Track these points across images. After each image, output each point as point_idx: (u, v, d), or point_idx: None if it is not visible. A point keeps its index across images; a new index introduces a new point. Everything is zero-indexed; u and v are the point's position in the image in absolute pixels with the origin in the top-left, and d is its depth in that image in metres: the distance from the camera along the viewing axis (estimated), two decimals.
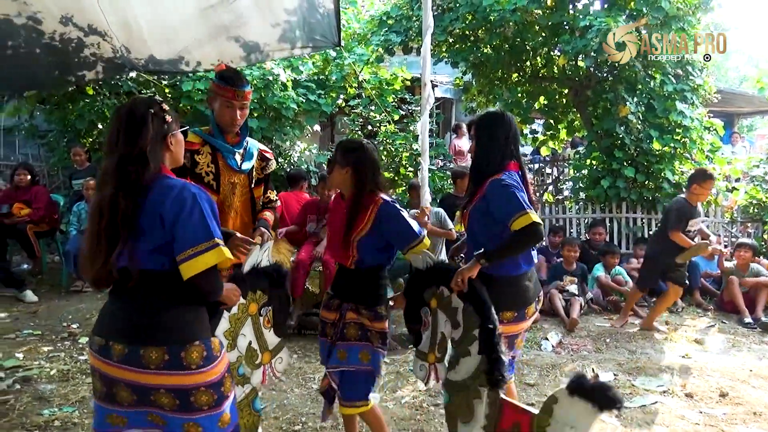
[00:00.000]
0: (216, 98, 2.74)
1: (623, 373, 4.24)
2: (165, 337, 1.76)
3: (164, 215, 1.76)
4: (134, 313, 1.79)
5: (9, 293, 5.80)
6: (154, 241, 1.77)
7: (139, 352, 1.74)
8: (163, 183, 1.82)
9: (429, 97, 4.50)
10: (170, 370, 1.75)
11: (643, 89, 7.20)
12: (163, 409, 1.78)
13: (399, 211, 2.56)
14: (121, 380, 1.76)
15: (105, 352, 1.78)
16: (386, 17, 7.96)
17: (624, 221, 7.42)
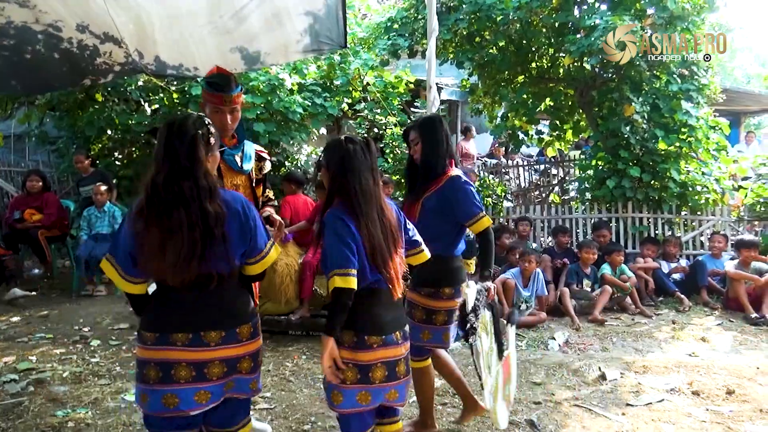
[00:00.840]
0: (206, 104, 2.79)
1: (630, 372, 4.26)
2: (250, 316, 2.21)
3: (245, 224, 2.13)
4: (220, 305, 2.13)
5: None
6: (238, 247, 2.13)
7: (236, 331, 2.14)
8: (225, 196, 2.12)
9: (434, 100, 4.56)
10: (252, 339, 2.20)
11: (648, 89, 7.22)
12: (242, 372, 2.17)
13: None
14: (215, 359, 2.10)
15: (197, 341, 2.08)
16: (391, 22, 8.02)
17: (630, 221, 7.42)
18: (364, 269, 2.23)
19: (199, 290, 2.08)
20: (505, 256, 6.59)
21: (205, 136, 2.08)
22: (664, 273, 6.54)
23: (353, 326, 2.25)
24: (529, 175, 10.97)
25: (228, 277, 2.13)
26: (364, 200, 2.24)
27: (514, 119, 8.43)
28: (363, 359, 2.25)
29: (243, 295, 2.25)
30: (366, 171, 2.28)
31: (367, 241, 2.21)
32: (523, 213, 7.85)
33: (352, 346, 2.25)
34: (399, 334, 2.34)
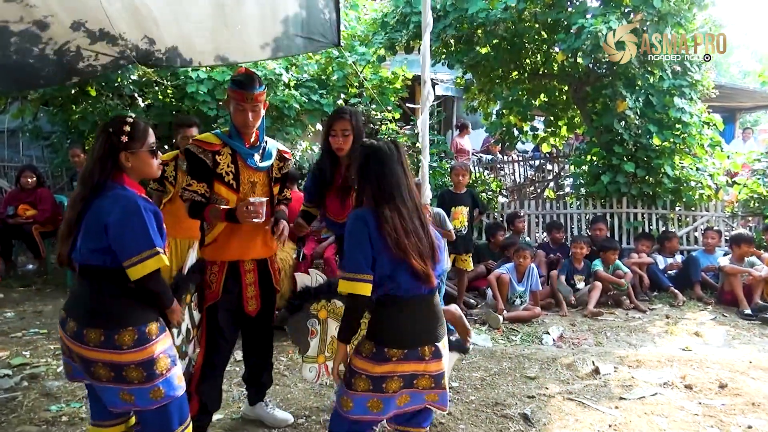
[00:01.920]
0: (230, 101, 2.83)
1: (624, 366, 4.28)
2: (103, 322, 2.11)
3: (108, 224, 2.09)
4: (83, 298, 2.18)
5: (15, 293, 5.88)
6: (94, 243, 2.12)
7: (83, 332, 2.10)
8: (115, 192, 2.15)
9: (429, 95, 4.53)
10: (105, 348, 2.09)
11: (641, 85, 7.23)
12: (101, 380, 2.12)
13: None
14: (71, 350, 2.15)
15: (63, 324, 2.17)
16: (386, 17, 8.00)
17: (624, 216, 7.45)
18: (385, 274, 2.16)
19: (78, 277, 2.23)
20: (500, 252, 6.61)
21: (116, 134, 2.18)
22: (659, 268, 6.57)
23: (373, 336, 2.19)
24: (524, 171, 10.98)
25: (100, 274, 2.15)
26: (384, 196, 2.19)
27: (509, 116, 8.43)
28: (377, 371, 2.16)
29: (112, 298, 2.15)
30: (390, 170, 2.23)
31: (390, 239, 2.12)
32: (518, 208, 7.86)
33: (369, 356, 2.17)
34: (428, 350, 2.18)
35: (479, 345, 4.74)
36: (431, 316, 2.25)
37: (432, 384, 2.23)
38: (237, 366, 3.97)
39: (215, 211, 2.77)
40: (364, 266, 2.13)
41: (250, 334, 3.14)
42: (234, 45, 4.64)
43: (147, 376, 2.12)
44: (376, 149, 2.27)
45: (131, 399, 2.14)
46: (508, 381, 3.99)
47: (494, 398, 3.69)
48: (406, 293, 2.18)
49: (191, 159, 2.81)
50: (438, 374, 2.23)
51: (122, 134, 2.18)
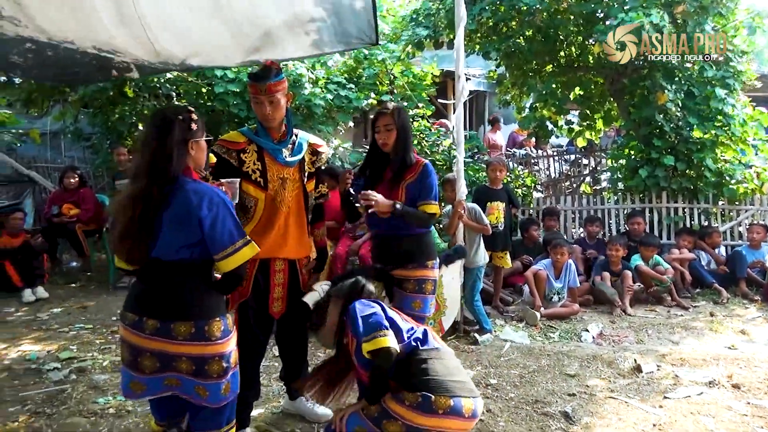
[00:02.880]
0: (250, 95, 2.82)
1: (667, 364, 4.18)
2: (195, 313, 2.11)
3: (200, 215, 2.05)
4: (166, 294, 2.11)
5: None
6: (186, 238, 2.08)
7: (170, 326, 2.07)
8: (194, 186, 2.09)
9: (463, 90, 4.51)
10: (194, 340, 2.08)
11: (681, 76, 7.04)
12: (181, 372, 2.11)
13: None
14: (148, 350, 2.09)
15: (138, 325, 2.10)
16: (416, 14, 7.96)
17: (664, 211, 7.28)
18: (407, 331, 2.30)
19: (149, 276, 2.14)
20: (535, 248, 6.54)
21: (184, 122, 2.13)
22: (701, 264, 6.40)
23: (418, 386, 2.19)
24: (559, 166, 10.83)
25: (181, 268, 2.11)
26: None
27: (543, 110, 8.32)
28: (422, 423, 2.15)
29: (199, 290, 2.15)
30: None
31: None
32: (553, 204, 7.76)
33: (414, 406, 2.16)
34: (469, 405, 2.20)
35: (517, 342, 4.70)
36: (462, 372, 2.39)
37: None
38: (275, 361, 4.02)
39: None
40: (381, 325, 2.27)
41: (282, 334, 3.14)
42: (264, 45, 4.68)
43: (224, 370, 2.14)
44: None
45: (205, 394, 2.14)
46: (548, 378, 3.94)
47: (534, 396, 3.65)
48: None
49: (218, 161, 2.76)
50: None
51: (192, 122, 2.16)
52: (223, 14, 4.02)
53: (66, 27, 4.11)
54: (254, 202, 2.78)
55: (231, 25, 4.13)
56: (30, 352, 4.27)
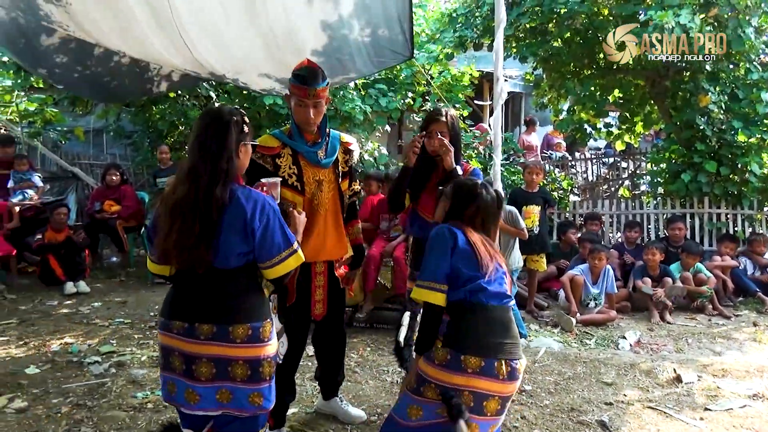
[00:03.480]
0: (291, 96, 2.75)
1: (708, 375, 4.07)
2: (252, 318, 2.07)
3: (254, 226, 2.02)
4: (220, 298, 2.06)
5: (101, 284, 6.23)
6: (241, 247, 2.05)
7: (228, 329, 2.03)
8: (244, 192, 2.05)
9: (502, 92, 4.46)
10: (250, 343, 2.05)
11: (726, 78, 6.84)
12: (235, 380, 2.05)
13: None
14: (204, 356, 2.04)
15: (190, 332, 2.04)
16: (456, 14, 7.92)
17: (707, 217, 7.08)
18: (467, 280, 2.17)
19: (202, 280, 2.06)
20: (571, 251, 6.43)
21: (239, 124, 2.09)
22: (744, 272, 6.21)
23: (450, 342, 2.13)
24: (597, 169, 10.63)
25: (233, 272, 2.07)
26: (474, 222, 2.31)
27: (581, 112, 8.18)
28: (450, 381, 2.09)
29: (251, 293, 2.12)
30: (485, 222, 2.32)
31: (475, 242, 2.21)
32: (591, 208, 7.62)
33: (444, 364, 2.11)
34: (504, 367, 2.09)
35: (552, 348, 4.63)
36: (513, 331, 2.21)
37: (498, 408, 2.14)
38: (309, 361, 4.05)
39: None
40: (441, 275, 2.18)
41: (320, 335, 3.13)
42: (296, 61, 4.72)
43: (272, 373, 2.12)
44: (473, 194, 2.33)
45: (260, 400, 2.09)
46: (584, 386, 3.88)
47: (569, 403, 3.59)
48: (490, 300, 2.17)
49: (250, 166, 2.65)
50: (506, 397, 2.17)
51: (245, 123, 2.13)
52: (260, 25, 4.07)
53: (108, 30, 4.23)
54: (292, 207, 2.77)
55: (268, 39, 4.18)
56: (72, 345, 4.39)
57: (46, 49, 4.71)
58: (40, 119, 8.15)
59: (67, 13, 4.07)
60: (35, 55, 4.84)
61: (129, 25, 4.13)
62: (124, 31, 4.26)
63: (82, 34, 4.38)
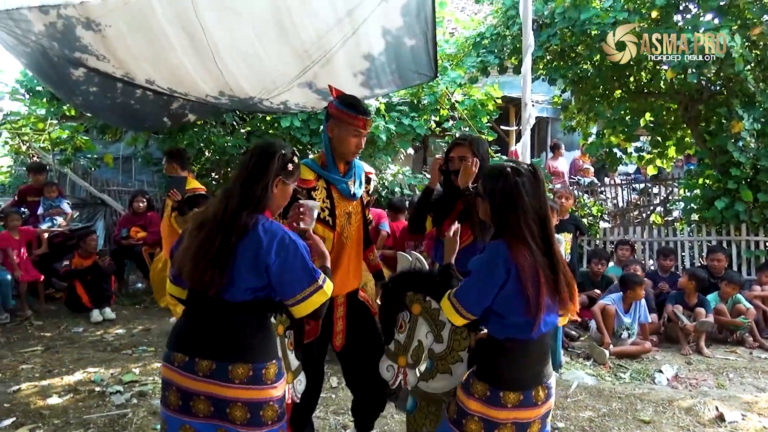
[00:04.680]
0: (341, 125, 2.63)
1: (753, 413, 3.84)
2: (254, 358, 1.97)
3: (268, 261, 1.94)
4: (224, 333, 1.98)
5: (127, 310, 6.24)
6: (255, 282, 1.97)
7: (227, 368, 1.94)
8: (266, 223, 1.99)
9: (530, 117, 4.39)
10: (249, 384, 1.95)
11: (762, 103, 6.64)
12: (235, 423, 1.95)
13: None
14: (201, 393, 1.95)
15: (189, 367, 1.96)
16: (480, 38, 7.88)
17: (744, 245, 6.82)
18: (508, 318, 2.02)
19: (209, 311, 2.00)
20: (601, 281, 6.24)
21: (284, 159, 2.08)
22: None
23: (488, 377, 2.05)
24: (627, 195, 10.40)
25: (239, 307, 1.99)
26: (529, 235, 2.00)
27: (611, 136, 8.02)
28: (492, 416, 2.03)
29: (256, 331, 2.01)
30: (533, 206, 2.03)
31: (527, 281, 1.95)
32: (622, 234, 7.42)
33: (484, 399, 2.03)
34: (541, 392, 2.06)
35: (585, 382, 4.44)
36: (546, 357, 2.13)
37: (540, 426, 2.11)
38: (332, 393, 3.94)
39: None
40: (477, 309, 2.06)
41: (352, 366, 2.99)
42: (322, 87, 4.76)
43: (279, 415, 2.01)
44: (504, 176, 2.06)
45: None
46: (620, 424, 3.69)
47: None
48: (530, 335, 2.02)
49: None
50: (544, 416, 2.11)
51: (290, 162, 2.12)
52: (289, 39, 4.12)
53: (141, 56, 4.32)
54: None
55: (296, 46, 4.22)
56: (95, 374, 4.36)
57: (77, 79, 4.84)
58: (71, 147, 8.31)
59: (103, 37, 4.17)
60: (69, 85, 4.97)
61: (163, 51, 4.22)
62: (157, 57, 4.35)
63: (114, 62, 4.47)
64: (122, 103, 5.15)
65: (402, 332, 2.50)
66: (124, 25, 4.05)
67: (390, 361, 2.51)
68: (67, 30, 4.13)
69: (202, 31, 3.98)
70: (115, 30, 4.10)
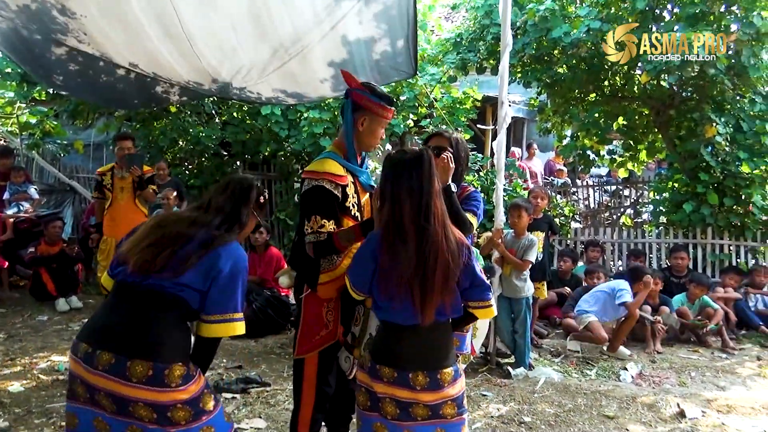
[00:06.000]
0: (372, 117, 2.50)
1: (712, 410, 3.94)
2: (155, 353, 1.85)
3: (222, 272, 1.94)
4: (133, 325, 1.88)
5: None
6: (200, 283, 1.93)
7: (126, 364, 1.82)
8: (234, 245, 2.04)
9: (506, 116, 4.42)
10: (150, 385, 1.83)
11: (731, 109, 6.82)
12: (143, 421, 1.84)
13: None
14: (101, 389, 1.83)
15: (89, 359, 1.85)
16: (460, 38, 7.93)
17: (709, 247, 6.99)
18: (380, 301, 2.08)
19: (126, 299, 1.93)
20: (570, 280, 6.35)
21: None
22: (747, 305, 6.10)
23: (371, 350, 2.15)
24: (599, 196, 10.58)
25: (164, 299, 1.91)
26: (395, 228, 1.99)
27: (585, 139, 8.15)
28: (374, 388, 2.08)
29: (169, 329, 1.91)
30: (405, 194, 1.99)
31: (389, 271, 2.00)
32: (592, 235, 7.54)
33: (367, 370, 2.12)
34: (421, 378, 2.03)
35: (552, 378, 4.51)
36: (431, 345, 2.10)
37: (429, 413, 2.07)
38: None
39: (347, 233, 2.38)
40: (360, 287, 2.14)
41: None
42: (300, 81, 4.74)
43: (194, 415, 1.90)
44: (395, 159, 2.08)
45: None
46: (584, 419, 3.75)
47: None
48: (403, 322, 2.06)
49: (325, 197, 2.40)
50: (434, 404, 2.07)
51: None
52: (268, 35, 4.09)
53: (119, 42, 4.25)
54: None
55: (275, 45, 4.19)
56: (59, 363, 4.27)
57: (58, 58, 4.71)
58: (39, 131, 8.11)
59: (82, 24, 4.09)
60: (48, 64, 4.83)
61: (138, 37, 4.14)
62: (133, 43, 4.28)
63: (94, 45, 4.37)
64: (105, 82, 5.02)
65: (357, 325, 2.54)
66: (98, 12, 3.97)
67: (347, 353, 2.56)
68: (41, 13, 4.03)
69: (178, 23, 3.92)
70: (90, 20, 4.02)
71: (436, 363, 2.07)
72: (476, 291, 2.10)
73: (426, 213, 1.98)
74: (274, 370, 4.36)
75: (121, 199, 5.19)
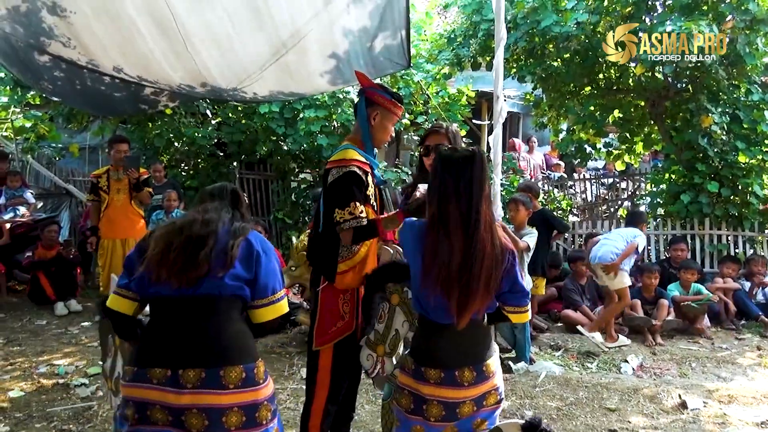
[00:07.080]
0: (385, 113, 2.62)
1: (714, 401, 3.95)
2: (240, 356, 1.89)
3: (259, 255, 1.98)
4: (209, 336, 1.88)
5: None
6: (246, 272, 1.95)
7: (219, 374, 1.83)
8: (254, 232, 2.09)
9: (501, 111, 4.41)
10: (246, 387, 1.86)
11: (727, 99, 6.82)
12: (229, 429, 1.83)
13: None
14: (193, 406, 1.80)
15: (174, 381, 1.81)
16: (454, 35, 7.91)
17: (707, 238, 7.00)
18: (419, 297, 2.05)
19: (187, 317, 1.89)
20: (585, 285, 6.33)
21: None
22: (746, 294, 6.11)
23: (413, 353, 2.12)
24: (596, 189, 10.59)
25: (222, 303, 1.92)
26: (443, 223, 1.94)
27: (581, 132, 8.14)
28: (420, 390, 2.04)
29: (239, 330, 1.94)
30: (453, 195, 1.94)
31: (431, 266, 1.95)
32: (590, 228, 7.54)
33: (411, 373, 2.08)
34: (467, 374, 2.03)
35: (553, 372, 4.51)
36: (473, 338, 2.09)
37: (474, 408, 2.07)
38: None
39: (392, 219, 2.48)
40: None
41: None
42: (297, 76, 4.72)
43: (273, 413, 1.94)
44: (446, 157, 2.03)
45: None
46: (587, 412, 3.76)
47: (572, 430, 3.47)
48: (437, 319, 2.04)
49: (358, 182, 2.48)
50: (478, 397, 2.06)
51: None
52: (267, 30, 4.08)
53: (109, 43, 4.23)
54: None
55: (270, 31, 4.18)
56: (59, 367, 4.26)
57: (43, 65, 4.70)
58: (34, 135, 8.08)
59: (70, 24, 4.07)
60: (35, 69, 4.83)
61: (131, 37, 4.13)
62: (125, 44, 4.26)
63: (80, 48, 4.35)
64: (92, 89, 5.02)
65: (381, 322, 2.52)
66: (90, 10, 3.95)
67: (369, 350, 2.54)
68: (31, 14, 4.01)
69: (172, 18, 3.91)
70: (81, 16, 4.00)
71: (479, 356, 2.09)
72: (515, 297, 2.08)
73: (475, 218, 1.93)
74: (275, 370, 4.35)
75: (118, 201, 5.22)
